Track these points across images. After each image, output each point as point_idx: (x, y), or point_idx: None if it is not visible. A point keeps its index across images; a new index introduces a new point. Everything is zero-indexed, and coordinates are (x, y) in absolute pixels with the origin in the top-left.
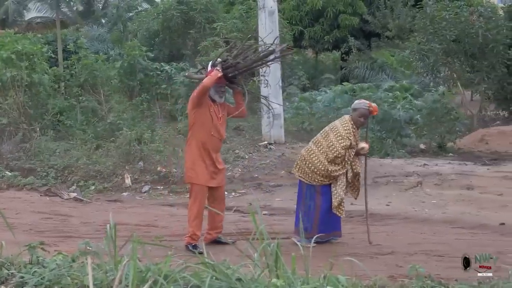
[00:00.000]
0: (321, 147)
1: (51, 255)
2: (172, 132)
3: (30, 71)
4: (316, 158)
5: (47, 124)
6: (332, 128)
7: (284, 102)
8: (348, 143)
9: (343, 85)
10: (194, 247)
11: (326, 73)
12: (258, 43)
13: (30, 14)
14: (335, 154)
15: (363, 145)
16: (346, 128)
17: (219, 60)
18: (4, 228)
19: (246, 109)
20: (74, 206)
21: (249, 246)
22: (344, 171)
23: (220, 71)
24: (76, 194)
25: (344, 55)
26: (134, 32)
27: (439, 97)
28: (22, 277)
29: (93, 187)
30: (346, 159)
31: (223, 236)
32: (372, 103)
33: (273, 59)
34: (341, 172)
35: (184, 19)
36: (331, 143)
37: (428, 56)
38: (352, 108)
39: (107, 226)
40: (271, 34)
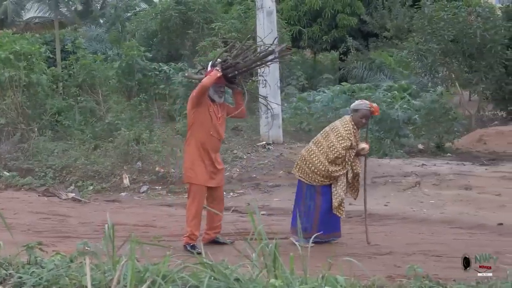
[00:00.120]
0: (321, 147)
1: (49, 255)
2: (170, 132)
3: (28, 71)
4: (316, 158)
5: (45, 124)
6: (332, 129)
7: (282, 102)
8: (348, 144)
9: (341, 85)
10: (192, 247)
11: (325, 73)
12: (257, 44)
13: (28, 14)
14: (335, 154)
15: (364, 145)
16: (346, 129)
17: (219, 60)
18: (2, 228)
19: (245, 109)
20: (72, 206)
21: (247, 246)
22: (344, 171)
23: (219, 71)
24: (74, 194)
25: (342, 56)
26: (132, 32)
27: (437, 97)
28: (20, 277)
29: (91, 187)
30: (346, 159)
31: (221, 236)
32: (373, 104)
33: (272, 59)
34: (341, 173)
35: (182, 19)
36: (332, 144)
37: (426, 56)
38: (353, 109)
39: (105, 226)
40: (269, 34)
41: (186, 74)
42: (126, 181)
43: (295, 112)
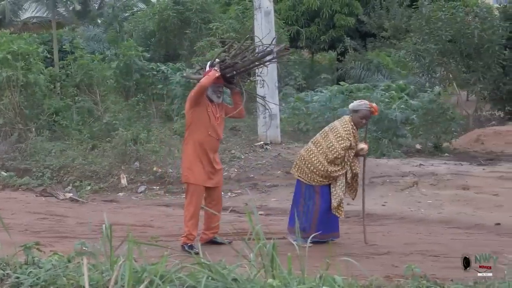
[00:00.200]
0: (320, 147)
1: (47, 255)
2: (168, 132)
3: (26, 71)
4: (315, 158)
5: (43, 124)
6: (331, 129)
7: (280, 102)
8: (348, 144)
9: (339, 85)
10: (190, 247)
11: (322, 73)
12: (255, 44)
13: (26, 14)
14: (335, 155)
15: (363, 146)
16: (346, 129)
17: (217, 60)
18: None
19: (244, 109)
20: (70, 206)
21: (245, 247)
22: (343, 171)
23: (218, 71)
24: (71, 195)
25: (340, 56)
26: (130, 32)
27: (435, 97)
28: (18, 277)
29: (89, 187)
30: (345, 160)
31: (219, 236)
32: (373, 104)
33: (270, 59)
34: (340, 173)
35: (180, 19)
36: (331, 144)
37: (423, 56)
38: (353, 109)
39: (103, 226)
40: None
41: (184, 74)
42: (124, 181)
43: (293, 112)
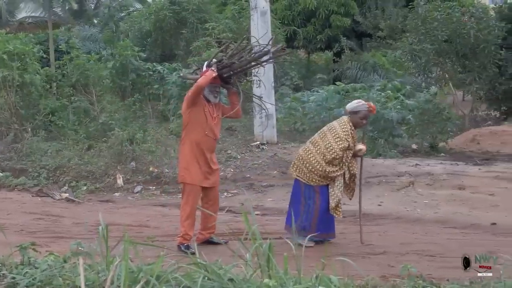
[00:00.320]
0: (318, 147)
1: (43, 255)
2: (164, 132)
3: (22, 71)
4: (313, 158)
5: (39, 124)
6: (330, 129)
7: (276, 102)
8: (346, 145)
9: (336, 85)
10: (186, 247)
11: (319, 73)
12: (252, 44)
13: (22, 14)
14: (333, 155)
15: (361, 146)
16: (344, 130)
17: (214, 60)
18: None
19: (240, 109)
20: (66, 206)
21: (241, 247)
22: (341, 172)
23: (215, 71)
24: (68, 195)
25: (335, 57)
26: (126, 32)
27: (431, 97)
28: (14, 278)
29: (85, 187)
30: (344, 160)
31: (215, 236)
32: (370, 103)
33: (267, 59)
34: (338, 173)
35: (176, 19)
36: (329, 144)
37: (419, 57)
38: (352, 111)
39: (99, 226)
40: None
41: (181, 74)
42: (120, 181)
43: (289, 112)
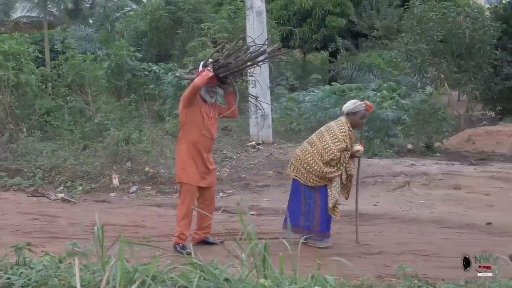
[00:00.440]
0: (315, 147)
1: (38, 256)
2: (160, 132)
3: (17, 71)
4: (311, 158)
5: (34, 124)
6: (328, 129)
7: (272, 102)
8: (344, 146)
9: (331, 85)
10: (182, 247)
11: (314, 73)
12: (248, 44)
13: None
14: (330, 156)
15: (358, 147)
16: (342, 131)
17: (210, 60)
18: None
19: (237, 109)
20: (62, 206)
21: (237, 247)
22: (339, 173)
23: (211, 71)
24: (63, 195)
25: (331, 57)
26: (122, 32)
27: (426, 97)
28: (9, 278)
29: (80, 187)
30: (341, 161)
31: (211, 236)
32: (366, 101)
33: (264, 59)
34: (336, 174)
35: (172, 19)
36: (327, 145)
37: (415, 57)
38: (351, 111)
39: (95, 227)
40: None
41: (178, 74)
42: (116, 181)
43: (285, 112)
